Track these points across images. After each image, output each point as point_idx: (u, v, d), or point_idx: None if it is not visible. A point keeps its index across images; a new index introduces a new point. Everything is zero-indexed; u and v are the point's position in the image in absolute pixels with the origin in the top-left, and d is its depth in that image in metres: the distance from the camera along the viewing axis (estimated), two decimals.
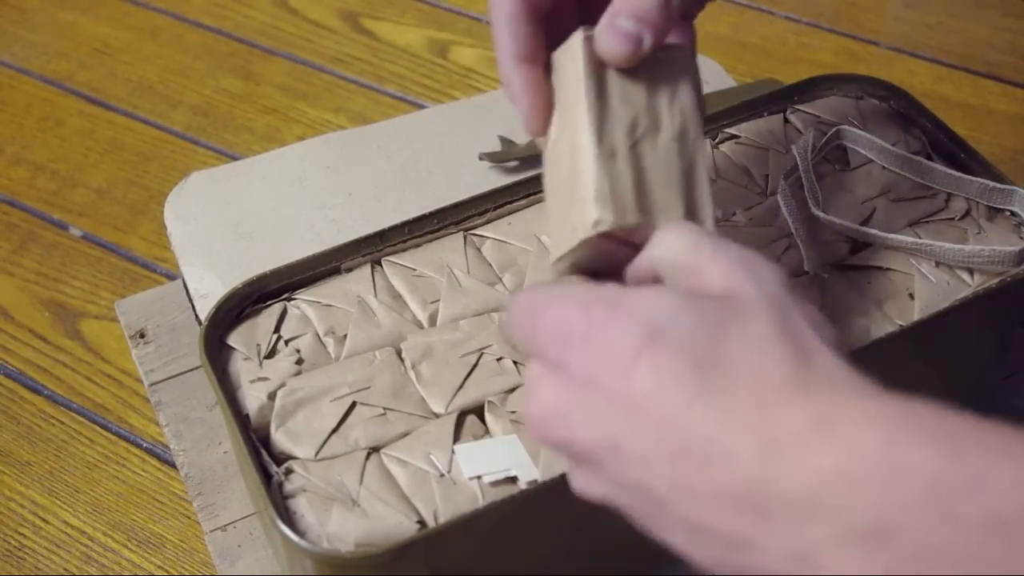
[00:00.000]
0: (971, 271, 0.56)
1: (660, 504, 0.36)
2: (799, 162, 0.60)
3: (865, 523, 0.31)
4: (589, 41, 0.47)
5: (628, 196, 0.45)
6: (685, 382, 0.35)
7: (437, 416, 0.53)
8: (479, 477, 0.49)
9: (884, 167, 0.61)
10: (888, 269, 0.57)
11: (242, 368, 0.54)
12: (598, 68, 0.47)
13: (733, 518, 0.34)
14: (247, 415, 0.52)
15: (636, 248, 0.45)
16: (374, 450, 0.51)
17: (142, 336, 0.70)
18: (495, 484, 0.49)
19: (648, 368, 0.36)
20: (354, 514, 0.48)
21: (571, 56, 0.47)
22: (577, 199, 0.46)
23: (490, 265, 0.58)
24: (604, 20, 0.46)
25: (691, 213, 0.46)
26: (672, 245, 0.41)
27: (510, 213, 0.61)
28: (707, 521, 0.35)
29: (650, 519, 0.38)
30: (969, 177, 0.59)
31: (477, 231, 0.60)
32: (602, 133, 0.46)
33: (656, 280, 0.43)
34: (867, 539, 0.31)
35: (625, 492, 0.38)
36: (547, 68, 0.49)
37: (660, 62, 0.47)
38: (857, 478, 0.32)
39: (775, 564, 0.34)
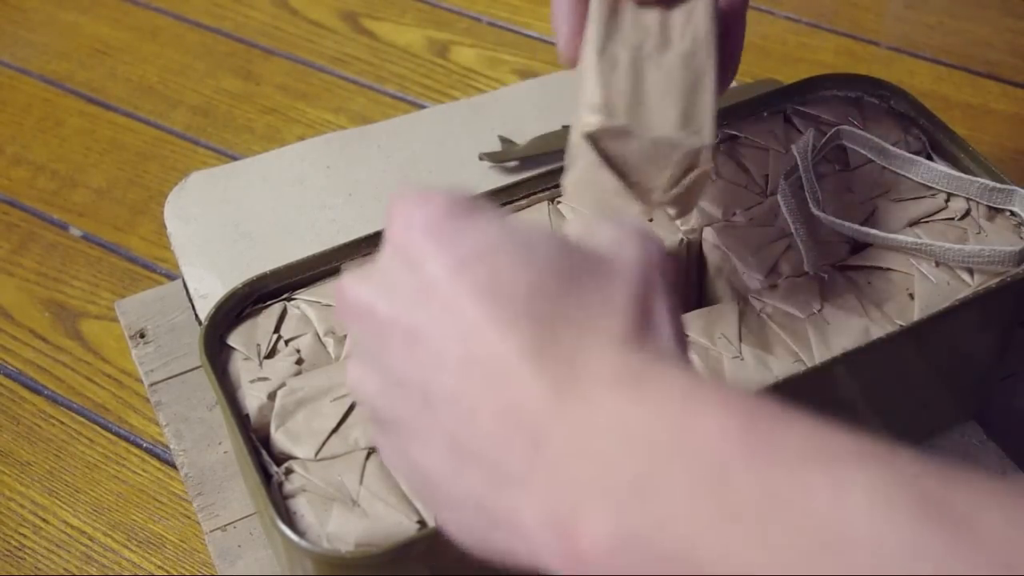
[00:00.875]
0: (971, 271, 0.56)
1: (431, 413, 0.35)
2: (799, 162, 0.60)
3: (624, 481, 0.31)
4: None
5: (621, 102, 0.46)
6: (514, 300, 0.34)
7: None
8: None
9: (884, 167, 0.61)
10: (888, 269, 0.56)
11: (242, 368, 0.54)
12: None
13: (506, 443, 0.33)
14: (247, 415, 0.52)
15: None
16: (374, 450, 0.51)
17: (142, 336, 0.70)
18: None
19: (483, 273, 0.35)
20: (354, 514, 0.48)
21: None
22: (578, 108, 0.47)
23: None
24: None
25: (687, 122, 0.46)
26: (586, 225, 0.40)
27: (510, 213, 0.61)
28: (476, 441, 0.34)
29: (409, 431, 0.37)
30: (969, 177, 0.59)
31: None
32: (604, 48, 0.47)
33: None
34: (624, 497, 0.31)
35: (398, 390, 0.37)
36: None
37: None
38: (631, 436, 0.31)
39: (532, 502, 0.33)
